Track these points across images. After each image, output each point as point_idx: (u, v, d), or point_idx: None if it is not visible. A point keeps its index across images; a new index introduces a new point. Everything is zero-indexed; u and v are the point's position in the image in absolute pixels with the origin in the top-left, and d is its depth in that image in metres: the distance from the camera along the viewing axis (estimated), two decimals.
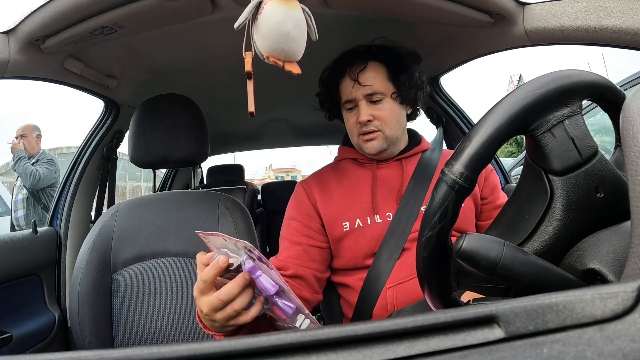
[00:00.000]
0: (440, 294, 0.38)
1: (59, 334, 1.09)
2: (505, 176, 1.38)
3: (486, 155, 0.33)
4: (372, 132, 0.78)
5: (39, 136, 2.71)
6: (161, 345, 0.19)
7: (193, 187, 1.42)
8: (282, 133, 2.14)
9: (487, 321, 0.20)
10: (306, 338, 0.19)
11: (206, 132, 0.98)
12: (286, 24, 0.47)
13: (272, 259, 0.77)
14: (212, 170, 2.63)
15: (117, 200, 1.29)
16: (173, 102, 0.96)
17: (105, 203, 1.36)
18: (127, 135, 1.04)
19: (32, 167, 2.51)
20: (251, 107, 0.48)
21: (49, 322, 1.07)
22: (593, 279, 0.31)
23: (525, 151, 0.40)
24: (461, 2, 0.77)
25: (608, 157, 0.38)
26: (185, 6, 0.72)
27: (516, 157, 5.85)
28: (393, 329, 0.19)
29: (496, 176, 0.87)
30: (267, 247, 2.39)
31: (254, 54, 0.49)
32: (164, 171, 2.40)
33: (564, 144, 0.35)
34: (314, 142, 2.49)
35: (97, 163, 1.28)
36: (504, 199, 0.85)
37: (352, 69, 0.79)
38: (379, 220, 0.77)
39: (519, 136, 0.36)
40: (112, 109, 1.24)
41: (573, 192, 0.35)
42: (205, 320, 0.53)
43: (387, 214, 0.77)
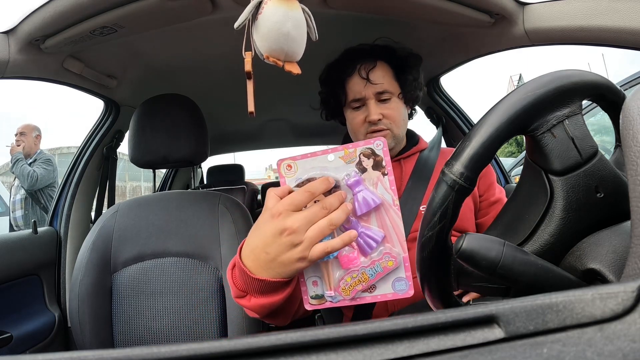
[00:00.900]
0: (440, 294, 0.38)
1: (59, 334, 1.09)
2: (505, 176, 1.38)
3: (486, 155, 0.33)
4: (381, 130, 0.78)
5: (38, 136, 2.71)
6: (161, 345, 0.19)
7: (193, 187, 1.42)
8: (282, 133, 2.14)
9: (487, 321, 0.20)
10: (306, 338, 0.19)
11: (206, 132, 0.98)
12: (286, 24, 0.47)
13: None
14: (212, 170, 2.64)
15: (117, 200, 1.29)
16: (173, 102, 0.96)
17: (105, 203, 1.36)
18: (127, 135, 1.04)
19: (30, 168, 2.51)
20: (251, 107, 0.48)
21: (49, 322, 1.07)
22: (593, 279, 0.31)
23: (525, 151, 0.40)
24: (461, 2, 0.77)
25: (608, 157, 0.38)
26: (185, 6, 0.72)
27: (516, 157, 5.85)
28: (393, 329, 0.19)
29: (493, 173, 0.87)
30: None
31: (253, 54, 0.49)
32: (164, 171, 2.40)
33: (564, 144, 0.35)
34: (314, 142, 2.49)
35: (97, 163, 1.28)
36: (500, 194, 0.84)
37: (362, 68, 0.78)
38: None
39: (519, 136, 0.36)
40: (112, 109, 1.24)
41: (573, 192, 0.35)
42: (280, 250, 0.43)
43: None
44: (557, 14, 0.72)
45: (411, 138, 0.89)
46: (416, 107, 0.89)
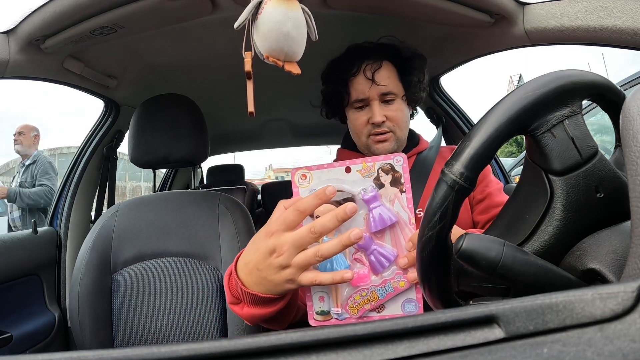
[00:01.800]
0: (440, 294, 0.38)
1: (59, 334, 1.09)
2: (505, 176, 1.38)
3: (486, 155, 0.33)
4: (384, 133, 0.77)
5: (36, 137, 2.73)
6: (161, 345, 0.19)
7: (193, 187, 1.42)
8: (282, 133, 2.14)
9: (487, 321, 0.20)
10: (306, 338, 0.19)
11: (206, 132, 0.98)
12: (286, 24, 0.47)
13: None
14: (212, 170, 2.64)
15: (117, 200, 1.29)
16: (173, 102, 0.96)
17: (105, 203, 1.36)
18: (127, 135, 1.04)
19: (33, 190, 2.50)
20: (251, 107, 0.48)
21: (49, 322, 1.07)
22: (593, 279, 0.31)
23: (525, 151, 0.40)
24: (461, 2, 0.77)
25: (608, 157, 0.38)
26: (185, 6, 0.72)
27: (516, 157, 5.85)
28: (393, 329, 0.19)
29: (487, 167, 0.86)
30: None
31: (253, 54, 0.49)
32: (164, 171, 2.40)
33: (564, 144, 0.35)
34: (314, 142, 2.49)
35: (97, 163, 1.28)
36: (497, 184, 0.82)
37: (367, 67, 0.76)
38: None
39: (519, 136, 0.36)
40: (112, 109, 1.24)
41: (573, 192, 0.35)
42: (269, 269, 0.42)
43: None
44: (557, 14, 0.72)
45: (411, 138, 0.88)
46: (417, 107, 0.89)
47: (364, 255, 0.45)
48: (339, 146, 0.92)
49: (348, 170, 0.44)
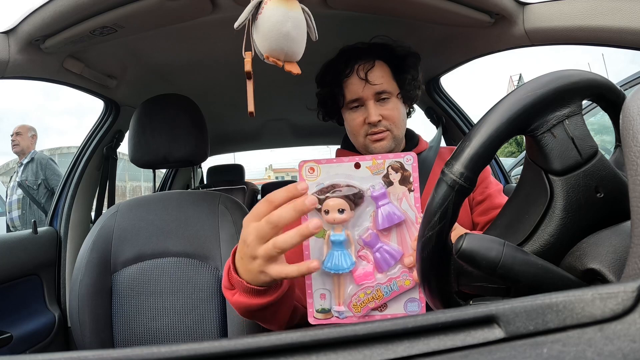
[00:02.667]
0: (440, 294, 0.38)
1: (59, 334, 1.09)
2: (505, 176, 1.38)
3: (486, 155, 0.33)
4: (381, 132, 0.77)
5: (34, 136, 2.75)
6: (161, 345, 0.19)
7: (193, 187, 1.42)
8: (282, 133, 2.14)
9: (487, 321, 0.20)
10: (306, 338, 0.19)
11: (206, 132, 0.98)
12: (286, 24, 0.47)
13: None
14: (212, 170, 2.64)
15: (117, 200, 1.29)
16: (173, 102, 0.96)
17: (105, 203, 1.36)
18: (127, 135, 1.04)
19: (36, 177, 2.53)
20: (251, 107, 0.48)
21: (49, 322, 1.07)
22: (593, 279, 0.31)
23: (525, 151, 0.40)
24: (461, 2, 0.77)
25: (608, 157, 0.38)
26: (185, 6, 0.72)
27: (516, 157, 5.85)
28: (393, 329, 0.19)
29: (487, 168, 0.86)
30: None
31: (253, 54, 0.49)
32: (164, 171, 2.40)
33: (564, 144, 0.35)
34: (314, 142, 2.49)
35: (97, 163, 1.28)
36: (497, 186, 0.83)
37: (360, 68, 0.77)
38: None
39: (519, 136, 0.36)
40: (112, 109, 1.24)
41: (573, 192, 0.35)
42: (245, 259, 0.43)
43: None
44: (557, 14, 0.72)
45: (411, 139, 0.88)
46: (414, 105, 0.88)
47: (369, 253, 0.45)
48: (338, 146, 0.92)
49: (357, 166, 0.44)
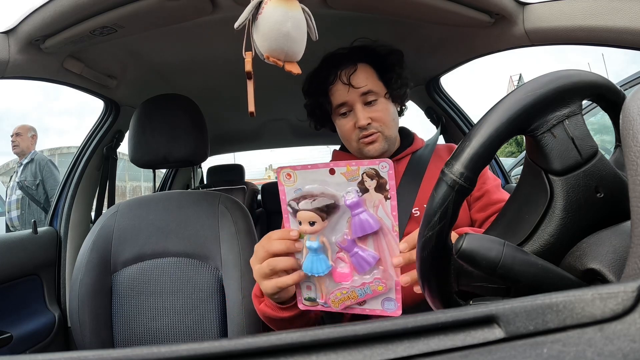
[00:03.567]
0: (440, 294, 0.38)
1: (59, 334, 1.09)
2: (505, 176, 1.38)
3: (486, 155, 0.33)
4: (372, 134, 0.77)
5: (33, 136, 2.76)
6: (161, 345, 0.19)
7: (193, 187, 1.42)
8: (282, 133, 2.14)
9: (487, 321, 0.20)
10: (306, 338, 0.19)
11: (206, 132, 0.98)
12: (286, 24, 0.47)
13: None
14: (212, 170, 2.63)
15: (117, 200, 1.29)
16: (173, 102, 0.96)
17: (105, 203, 1.36)
18: (127, 135, 1.04)
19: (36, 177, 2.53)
20: (251, 107, 0.48)
21: (49, 322, 1.07)
22: (593, 279, 0.31)
23: (525, 151, 0.40)
24: (461, 2, 0.77)
25: (608, 157, 0.38)
26: (185, 6, 0.72)
27: (516, 157, 5.85)
28: (393, 329, 0.19)
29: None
30: None
31: (254, 54, 0.49)
32: (164, 171, 2.40)
33: (564, 144, 0.35)
34: (314, 142, 2.49)
35: (97, 163, 1.28)
36: (494, 181, 0.82)
37: (342, 73, 0.77)
38: None
39: (519, 136, 0.36)
40: (112, 109, 1.24)
41: (573, 192, 0.35)
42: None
43: None
44: (557, 14, 0.72)
45: (406, 138, 0.88)
46: (406, 103, 0.87)
47: (346, 256, 0.47)
48: (338, 146, 0.92)
49: (332, 172, 0.44)
